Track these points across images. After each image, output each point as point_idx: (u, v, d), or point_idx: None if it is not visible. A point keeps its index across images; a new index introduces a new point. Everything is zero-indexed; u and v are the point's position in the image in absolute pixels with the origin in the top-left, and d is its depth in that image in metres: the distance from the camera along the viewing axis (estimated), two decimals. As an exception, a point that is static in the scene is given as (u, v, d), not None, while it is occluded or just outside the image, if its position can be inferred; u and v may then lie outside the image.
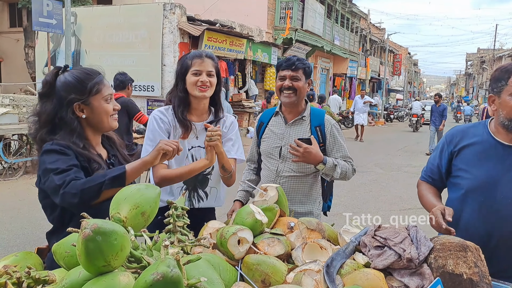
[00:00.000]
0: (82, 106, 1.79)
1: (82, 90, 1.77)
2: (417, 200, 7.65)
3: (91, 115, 1.81)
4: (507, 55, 47.54)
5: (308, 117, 2.60)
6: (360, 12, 30.89)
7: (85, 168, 1.72)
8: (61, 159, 1.67)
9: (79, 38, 13.83)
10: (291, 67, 2.49)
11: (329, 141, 2.59)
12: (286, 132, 2.59)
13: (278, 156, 2.59)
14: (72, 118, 1.78)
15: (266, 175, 2.65)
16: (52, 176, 1.64)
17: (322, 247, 1.66)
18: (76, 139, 1.76)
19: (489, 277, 1.60)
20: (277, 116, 2.66)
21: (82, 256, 0.99)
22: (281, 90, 2.53)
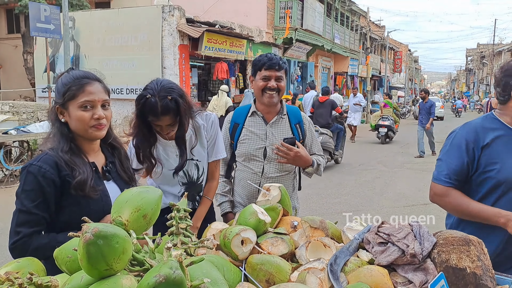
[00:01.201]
0: (61, 110, 1.73)
1: (60, 93, 1.71)
2: (421, 197, 7.67)
3: (69, 120, 1.73)
4: (506, 50, 47.42)
5: (286, 115, 2.60)
6: (359, 10, 30.85)
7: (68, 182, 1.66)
8: (35, 191, 1.61)
9: (77, 43, 13.86)
10: (275, 66, 2.45)
11: (308, 138, 2.64)
12: (268, 132, 2.56)
13: (263, 157, 2.55)
14: (55, 120, 1.74)
15: (247, 178, 2.59)
16: (16, 213, 1.62)
17: (325, 245, 1.66)
18: (61, 142, 1.70)
19: (492, 271, 1.59)
20: (254, 116, 2.59)
21: (83, 260, 0.99)
22: (264, 91, 2.48)
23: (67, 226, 1.59)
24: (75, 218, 1.53)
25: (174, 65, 13.07)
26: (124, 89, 13.45)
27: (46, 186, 1.62)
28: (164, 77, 13.13)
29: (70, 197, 1.66)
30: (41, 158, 1.65)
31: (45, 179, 1.62)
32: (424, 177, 9.17)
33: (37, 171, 1.62)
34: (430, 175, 7.50)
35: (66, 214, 1.68)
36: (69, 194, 1.66)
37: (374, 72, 35.54)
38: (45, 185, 1.62)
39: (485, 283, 1.53)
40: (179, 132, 2.21)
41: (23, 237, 1.58)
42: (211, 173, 2.45)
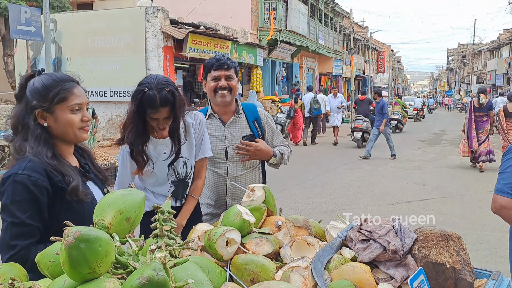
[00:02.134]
0: (45, 114, 1.65)
1: (45, 96, 1.64)
2: (404, 195, 7.77)
3: (54, 124, 1.67)
4: (486, 49, 48.29)
5: (243, 113, 2.64)
6: (342, 11, 31.09)
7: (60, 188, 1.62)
8: (27, 201, 1.55)
9: (59, 45, 13.68)
10: (224, 66, 2.50)
11: (268, 132, 2.69)
12: (227, 133, 2.59)
13: (225, 158, 2.58)
14: (34, 125, 1.65)
15: (212, 180, 2.61)
16: (8, 226, 1.54)
17: (309, 243, 1.68)
18: (43, 148, 1.63)
19: (471, 265, 1.64)
20: (212, 119, 2.62)
21: (66, 264, 0.99)
22: (216, 91, 2.52)
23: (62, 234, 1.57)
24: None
25: (159, 67, 13.00)
26: (107, 91, 13.32)
27: (39, 194, 1.57)
28: (148, 79, 13.03)
29: (64, 203, 1.62)
30: (26, 166, 1.58)
31: (37, 187, 1.56)
32: (407, 176, 9.29)
33: (26, 180, 1.55)
34: (413, 174, 7.68)
35: (60, 221, 1.62)
36: (62, 201, 1.62)
37: (358, 73, 35.85)
38: (38, 194, 1.57)
39: (464, 277, 1.57)
40: (173, 125, 2.21)
41: (20, 250, 1.52)
42: (198, 172, 2.45)
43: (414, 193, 7.71)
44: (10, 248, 1.51)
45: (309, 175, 9.05)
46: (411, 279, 1.33)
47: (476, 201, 7.14)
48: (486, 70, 47.22)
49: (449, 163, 11.16)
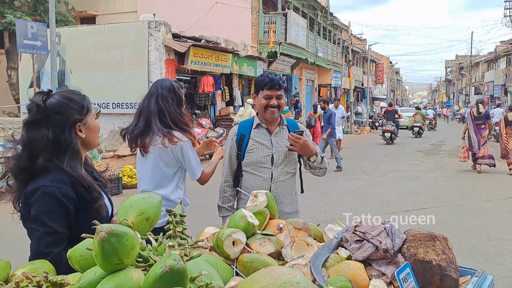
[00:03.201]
0: (81, 126, 1.79)
1: (80, 110, 1.79)
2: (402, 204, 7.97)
3: (87, 133, 1.82)
4: (483, 61, 48.73)
5: (286, 126, 2.88)
6: (341, 24, 31.49)
7: (84, 199, 1.74)
8: (57, 211, 1.66)
9: (63, 58, 13.95)
10: (276, 86, 2.71)
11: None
12: (273, 141, 2.81)
13: (271, 163, 2.79)
14: (76, 139, 1.77)
15: (256, 184, 2.80)
16: (42, 235, 1.64)
17: (308, 244, 1.84)
18: (75, 160, 1.75)
19: (456, 263, 1.79)
20: (259, 128, 2.84)
21: (98, 256, 1.15)
22: (266, 108, 2.74)
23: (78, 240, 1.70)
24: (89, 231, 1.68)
25: (161, 80, 13.21)
26: (110, 103, 13.55)
27: (68, 204, 1.69)
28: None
29: (85, 213, 1.74)
30: (53, 179, 1.69)
31: (67, 198, 1.68)
32: (405, 186, 9.44)
33: (57, 191, 1.66)
34: (411, 184, 7.87)
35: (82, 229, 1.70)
36: (84, 211, 1.74)
37: (357, 84, 36.16)
38: (68, 204, 1.69)
39: (449, 274, 1.73)
40: None
41: (54, 257, 1.61)
42: None
43: (412, 202, 7.85)
44: (44, 256, 1.60)
45: (308, 185, 9.18)
46: (397, 271, 1.49)
47: (473, 210, 7.28)
48: (483, 81, 47.62)
49: (446, 173, 11.31)
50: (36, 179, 1.71)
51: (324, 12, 26.52)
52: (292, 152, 2.81)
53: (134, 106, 13.36)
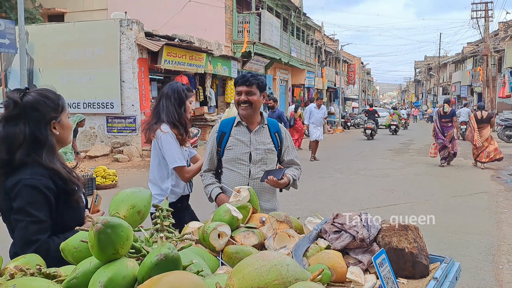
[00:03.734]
0: (56, 124, 1.87)
1: (56, 108, 1.86)
2: (373, 201, 8.19)
3: (61, 131, 1.88)
4: (451, 62, 50.26)
5: (267, 125, 2.98)
6: (314, 25, 31.88)
7: (63, 190, 1.81)
8: (40, 202, 1.73)
9: (31, 57, 13.58)
10: (246, 83, 2.83)
11: (285, 144, 3.02)
12: (252, 139, 2.90)
13: (248, 160, 2.87)
14: (51, 136, 1.84)
15: (235, 180, 2.88)
16: (28, 224, 1.70)
17: (290, 235, 1.93)
18: (51, 155, 1.82)
19: (426, 251, 1.92)
20: (240, 126, 2.93)
21: (95, 247, 1.20)
22: (239, 104, 2.86)
23: (64, 229, 1.78)
24: (70, 221, 1.77)
25: (133, 79, 13.10)
26: (81, 103, 13.32)
27: (50, 195, 1.76)
28: (122, 91, 13.12)
29: (65, 204, 1.82)
30: (32, 172, 1.76)
31: (48, 189, 1.76)
32: (376, 183, 9.70)
33: (38, 183, 1.74)
34: (382, 181, 8.11)
35: (60, 221, 1.81)
36: (64, 201, 1.82)
37: (329, 84, 36.69)
38: (50, 195, 1.76)
39: (421, 261, 1.86)
40: None
41: (42, 244, 1.69)
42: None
43: (383, 199, 8.09)
44: (32, 243, 1.68)
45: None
46: (374, 257, 1.60)
47: (440, 205, 7.57)
48: (451, 81, 49.10)
49: (415, 171, 11.66)
50: (15, 174, 1.77)
51: (297, 13, 26.80)
52: (270, 151, 2.91)
53: (106, 106, 13.19)
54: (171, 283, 0.94)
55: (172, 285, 0.93)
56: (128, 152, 13.17)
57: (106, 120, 13.36)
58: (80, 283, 1.20)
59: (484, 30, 29.65)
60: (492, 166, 12.05)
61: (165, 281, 0.95)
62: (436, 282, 1.73)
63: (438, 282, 1.75)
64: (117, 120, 13.27)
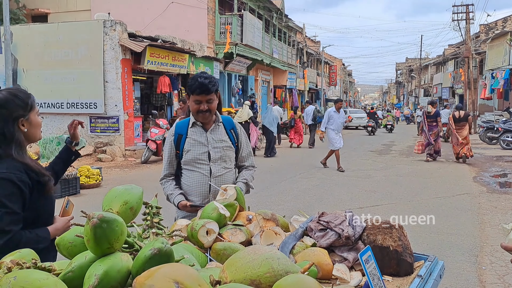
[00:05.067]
0: (24, 121, 1.95)
1: (24, 106, 1.95)
2: (356, 201, 8.29)
3: (29, 128, 1.97)
4: (432, 64, 51.09)
5: (221, 123, 2.99)
6: (295, 26, 32.11)
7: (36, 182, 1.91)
8: (15, 194, 1.82)
9: (15, 57, 13.41)
10: (205, 92, 2.78)
11: (241, 141, 3.06)
12: (209, 138, 2.91)
13: (208, 159, 2.89)
14: (19, 133, 1.93)
15: (196, 180, 2.88)
16: (3, 215, 1.77)
17: (276, 233, 1.98)
18: (20, 150, 1.92)
19: (411, 249, 1.99)
20: (195, 127, 2.92)
21: (91, 241, 1.23)
22: (198, 112, 2.83)
23: (36, 221, 1.88)
24: (42, 213, 1.91)
25: (117, 79, 13.02)
26: (64, 103, 13.19)
27: (24, 188, 1.85)
28: (106, 91, 13.04)
29: (38, 195, 1.91)
30: (7, 166, 1.85)
31: (23, 183, 1.85)
32: (358, 184, 9.83)
33: (13, 177, 1.83)
34: (364, 182, 8.21)
35: (35, 211, 1.91)
36: (37, 192, 1.91)
37: (311, 85, 36.97)
38: (24, 188, 1.85)
39: (405, 259, 1.92)
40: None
41: (15, 235, 1.77)
42: None
43: (365, 199, 8.21)
44: (5, 234, 1.76)
45: (265, 184, 9.42)
46: (360, 253, 1.65)
47: (422, 206, 7.71)
48: (432, 83, 49.89)
49: (397, 172, 11.85)
50: None
51: (279, 14, 26.96)
52: (228, 148, 2.95)
53: (89, 106, 13.07)
54: (168, 274, 0.97)
55: (169, 276, 0.96)
56: (111, 152, 13.09)
57: (89, 120, 13.25)
58: (76, 276, 1.23)
59: (465, 32, 30.18)
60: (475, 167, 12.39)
61: (162, 272, 0.98)
62: (420, 280, 1.78)
63: (423, 279, 1.80)
64: (100, 120, 13.18)
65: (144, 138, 13.75)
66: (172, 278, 0.96)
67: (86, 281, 1.18)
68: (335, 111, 12.03)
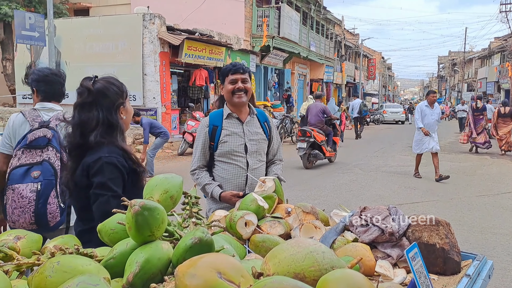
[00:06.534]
0: (122, 109, 2.00)
1: (123, 95, 2.01)
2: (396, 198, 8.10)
3: (127, 116, 2.03)
4: (477, 57, 49.09)
5: (255, 115, 2.95)
6: (334, 19, 31.61)
7: (133, 170, 1.95)
8: (119, 178, 1.88)
9: (58, 50, 13.88)
10: (240, 70, 2.78)
11: (273, 133, 3.03)
12: (245, 130, 2.87)
13: (245, 152, 2.84)
14: (119, 120, 1.98)
15: (232, 173, 2.83)
16: (110, 199, 1.82)
17: (316, 227, 1.93)
18: (121, 137, 1.98)
19: (458, 247, 1.89)
20: (231, 118, 2.87)
21: (132, 228, 1.23)
22: (234, 93, 2.78)
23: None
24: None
25: (155, 72, 13.23)
26: (105, 95, 13.55)
27: (124, 173, 1.91)
28: (144, 84, 13.28)
29: (130, 185, 1.96)
30: (109, 151, 1.89)
31: (123, 167, 1.91)
32: (398, 180, 9.59)
33: (116, 161, 1.88)
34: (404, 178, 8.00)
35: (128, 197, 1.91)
36: (131, 180, 1.95)
37: (348, 79, 36.37)
38: (124, 172, 1.91)
39: (452, 257, 1.82)
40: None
41: None
42: None
43: (405, 196, 7.99)
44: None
45: (302, 178, 9.33)
46: (407, 250, 1.57)
47: (465, 204, 7.43)
48: (477, 78, 47.96)
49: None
50: (93, 152, 1.90)
51: (317, 6, 26.60)
52: (263, 141, 2.91)
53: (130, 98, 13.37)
54: (211, 264, 0.95)
55: (211, 265, 0.94)
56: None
57: (129, 113, 13.57)
58: (118, 262, 1.23)
59: (514, 24, 28.86)
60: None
61: (204, 262, 0.96)
62: (469, 279, 1.69)
63: (471, 279, 1.71)
64: (139, 112, 13.44)
65: (181, 131, 13.93)
66: (215, 268, 0.93)
67: (127, 268, 1.17)
68: (427, 105, 9.71)
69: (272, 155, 3.04)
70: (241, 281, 0.95)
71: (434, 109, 9.71)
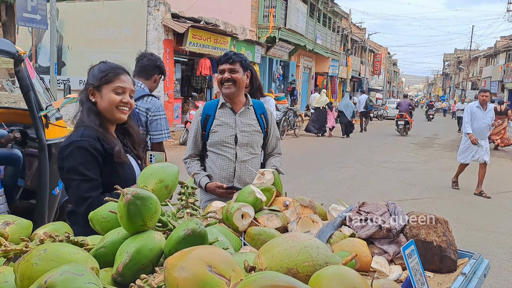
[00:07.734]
0: (94, 91, 1.99)
1: (97, 77, 1.98)
2: (396, 194, 8.08)
3: (99, 101, 1.98)
4: (482, 56, 48.76)
5: (252, 106, 2.88)
6: (341, 12, 31.36)
7: (109, 153, 1.93)
8: (90, 161, 1.87)
9: (61, 34, 13.79)
10: (229, 61, 2.72)
11: (270, 127, 2.96)
12: (237, 121, 2.81)
13: (234, 143, 2.79)
14: (86, 99, 2.00)
15: (221, 164, 2.80)
16: (80, 183, 1.85)
17: (314, 221, 1.90)
18: (93, 117, 1.95)
19: (455, 245, 1.87)
20: (224, 108, 2.83)
21: (124, 217, 1.20)
22: (222, 83, 2.75)
23: (108, 189, 1.88)
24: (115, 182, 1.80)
25: (159, 60, 13.15)
26: (107, 81, 13.49)
27: (98, 156, 1.89)
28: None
29: (111, 166, 1.94)
30: (82, 134, 1.90)
31: (96, 151, 1.89)
32: (399, 176, 9.56)
33: (87, 144, 1.87)
34: (404, 175, 7.99)
35: (111, 177, 1.93)
36: (110, 164, 1.94)
37: (353, 74, 36.17)
38: (98, 155, 1.89)
39: (449, 255, 1.80)
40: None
41: (94, 199, 1.81)
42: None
43: (405, 192, 7.98)
44: (85, 200, 1.82)
45: (302, 172, 9.31)
46: (403, 247, 1.55)
47: (464, 202, 7.42)
48: (481, 76, 47.66)
49: (440, 166, 11.45)
50: (69, 136, 1.96)
51: (325, -1, 26.39)
52: (256, 133, 2.84)
53: (131, 85, 13.32)
54: (201, 256, 0.92)
55: (202, 258, 0.91)
56: (150, 132, 13.34)
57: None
58: (108, 252, 1.20)
59: (520, 24, 28.64)
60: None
61: (195, 254, 0.94)
62: (464, 278, 1.68)
63: (467, 278, 1.70)
64: (142, 99, 13.42)
65: (183, 120, 13.89)
66: (205, 261, 0.91)
67: (117, 258, 1.15)
68: (479, 106, 8.06)
69: (272, 148, 2.99)
70: (232, 275, 0.93)
71: (487, 111, 8.08)
